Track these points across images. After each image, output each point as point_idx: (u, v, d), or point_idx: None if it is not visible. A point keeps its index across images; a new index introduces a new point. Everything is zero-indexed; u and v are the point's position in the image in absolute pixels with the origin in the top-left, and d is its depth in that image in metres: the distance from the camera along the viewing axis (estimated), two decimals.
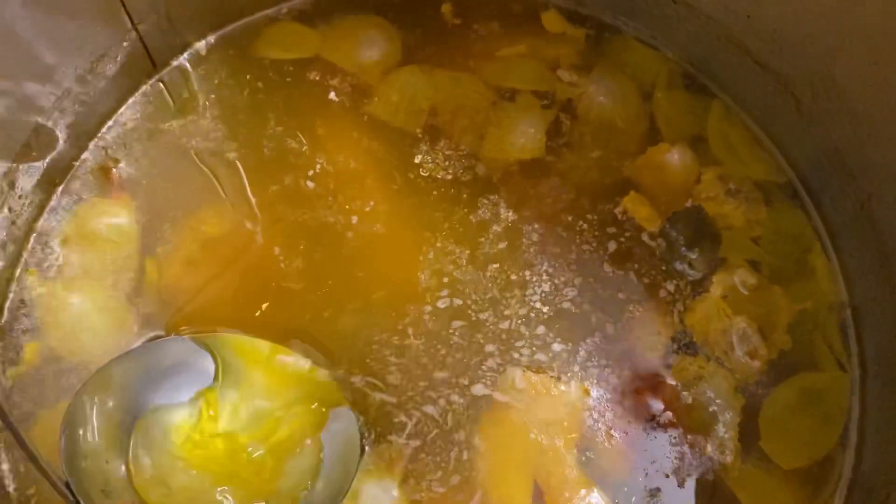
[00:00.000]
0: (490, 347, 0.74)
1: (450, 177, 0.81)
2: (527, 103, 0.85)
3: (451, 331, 0.75)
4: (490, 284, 0.76)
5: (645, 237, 0.79)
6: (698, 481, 0.71)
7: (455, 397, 0.72)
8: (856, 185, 0.74)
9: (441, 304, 0.75)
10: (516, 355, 0.74)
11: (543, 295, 0.76)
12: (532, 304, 0.76)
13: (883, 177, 0.71)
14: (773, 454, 0.73)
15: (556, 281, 0.77)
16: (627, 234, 0.79)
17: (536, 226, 0.79)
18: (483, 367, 0.73)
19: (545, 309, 0.76)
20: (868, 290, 0.76)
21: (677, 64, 0.87)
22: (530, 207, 0.80)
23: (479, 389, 0.73)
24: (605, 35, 0.89)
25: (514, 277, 0.77)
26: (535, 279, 0.77)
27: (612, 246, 0.79)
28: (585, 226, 0.79)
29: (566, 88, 0.85)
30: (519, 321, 0.75)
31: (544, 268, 0.77)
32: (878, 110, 0.68)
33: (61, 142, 0.78)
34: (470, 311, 0.75)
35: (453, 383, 0.73)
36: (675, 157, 0.81)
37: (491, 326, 0.75)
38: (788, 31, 0.73)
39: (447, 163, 0.81)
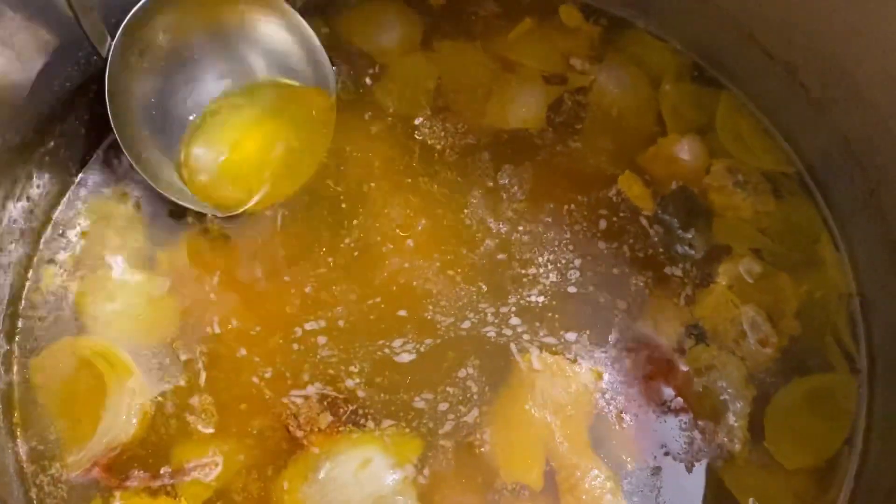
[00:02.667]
0: (507, 329, 0.75)
1: (455, 153, 0.82)
2: (529, 75, 0.86)
3: (465, 312, 0.76)
4: (504, 267, 0.78)
5: (644, 222, 0.80)
6: (705, 468, 0.72)
7: (471, 378, 0.73)
8: (864, 175, 0.75)
9: (444, 284, 0.77)
10: (533, 337, 0.75)
11: (559, 279, 0.77)
12: (546, 288, 0.77)
13: (891, 165, 0.71)
14: (777, 455, 0.73)
15: (571, 265, 0.78)
16: (627, 219, 0.80)
17: (544, 207, 0.80)
18: (500, 348, 0.74)
19: (559, 293, 0.77)
20: (876, 278, 0.77)
21: (687, 56, 0.87)
22: (536, 187, 0.81)
23: (495, 369, 0.74)
24: (617, 28, 0.89)
25: (529, 259, 0.78)
26: (551, 264, 0.78)
27: (620, 233, 0.80)
28: (601, 210, 0.81)
29: (577, 77, 0.86)
30: (534, 304, 0.76)
31: (559, 252, 0.78)
32: (886, 99, 0.69)
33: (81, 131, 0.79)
34: (481, 292, 0.76)
35: (468, 363, 0.74)
36: (685, 149, 0.82)
37: (507, 307, 0.76)
38: (798, 21, 0.74)
39: (451, 139, 0.83)
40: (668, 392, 0.74)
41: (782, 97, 0.81)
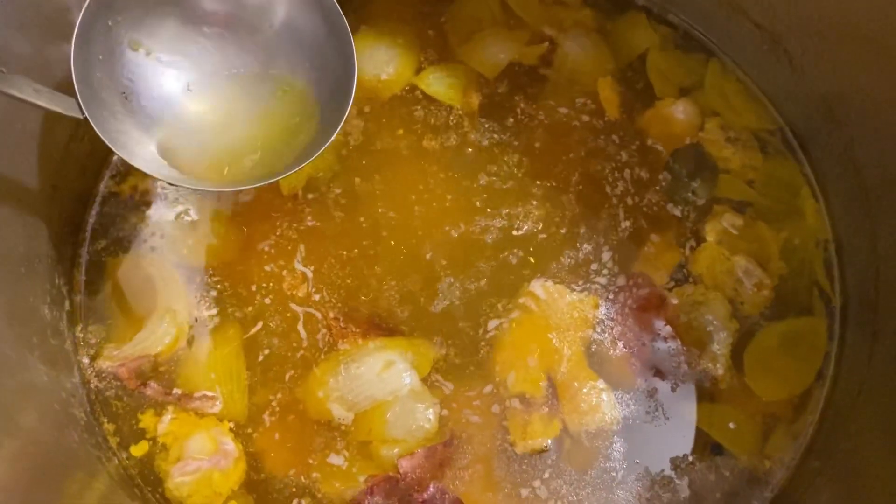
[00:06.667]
0: (514, 260, 0.83)
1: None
2: (517, 34, 0.93)
3: (479, 247, 0.84)
4: (508, 206, 0.86)
5: (652, 170, 0.88)
6: (691, 387, 0.80)
7: (484, 304, 0.82)
8: (840, 131, 0.82)
9: (452, 227, 0.85)
10: (537, 268, 0.83)
11: (563, 218, 0.85)
12: (548, 223, 0.85)
13: (864, 121, 0.78)
14: (756, 389, 0.81)
15: (574, 205, 0.86)
16: (634, 168, 0.88)
17: (546, 148, 0.88)
18: (507, 278, 0.83)
19: (563, 230, 0.85)
20: (850, 224, 0.84)
21: (677, 29, 0.94)
22: (539, 136, 0.89)
23: (503, 296, 0.82)
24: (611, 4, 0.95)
25: (532, 201, 0.86)
26: (549, 202, 0.86)
27: (621, 179, 0.88)
28: (601, 152, 0.89)
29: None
30: (539, 238, 0.84)
31: (565, 191, 0.87)
32: (859, 61, 0.76)
33: None
34: (492, 228, 0.85)
35: (480, 291, 0.82)
36: (679, 110, 0.90)
37: (513, 243, 0.84)
38: None
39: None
40: (659, 322, 0.82)
41: (767, 63, 0.88)
